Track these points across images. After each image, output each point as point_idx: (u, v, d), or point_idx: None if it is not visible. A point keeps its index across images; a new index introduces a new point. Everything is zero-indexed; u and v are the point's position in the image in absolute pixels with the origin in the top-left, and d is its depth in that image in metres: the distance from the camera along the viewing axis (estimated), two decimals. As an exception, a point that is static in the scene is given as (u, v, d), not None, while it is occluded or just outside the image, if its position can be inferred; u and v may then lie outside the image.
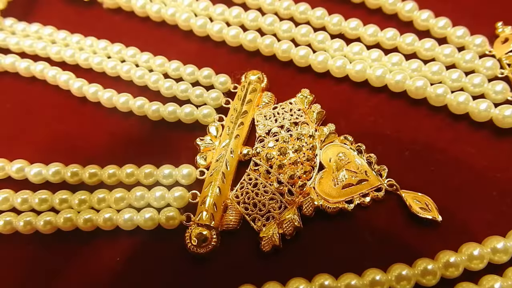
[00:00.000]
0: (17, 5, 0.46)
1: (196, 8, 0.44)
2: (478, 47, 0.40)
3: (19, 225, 0.32)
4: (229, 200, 0.34)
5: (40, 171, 0.35)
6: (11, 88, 0.42)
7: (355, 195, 0.34)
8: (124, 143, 0.38)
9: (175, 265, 0.33)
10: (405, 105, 0.39)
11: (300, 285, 0.29)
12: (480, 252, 0.30)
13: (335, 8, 0.43)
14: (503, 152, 0.36)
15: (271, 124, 0.37)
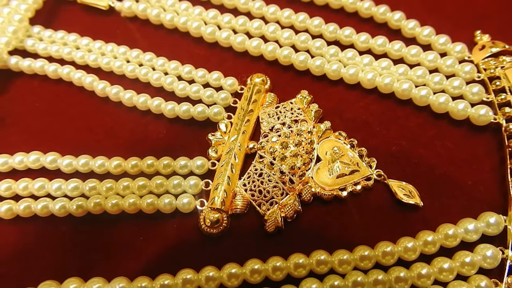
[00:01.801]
0: (44, 13, 0.50)
1: (206, 17, 0.48)
2: (458, 53, 0.44)
3: (55, 209, 0.36)
4: (237, 188, 0.38)
5: (71, 162, 0.39)
6: (40, 89, 0.46)
7: (348, 183, 0.38)
8: (143, 138, 0.42)
9: (190, 243, 0.37)
10: (393, 105, 0.43)
11: (300, 260, 0.34)
12: (454, 232, 0.34)
13: (331, 17, 0.47)
14: (478, 147, 0.40)
15: (274, 121, 0.41)
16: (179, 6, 0.48)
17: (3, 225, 0.38)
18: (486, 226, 0.34)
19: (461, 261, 0.33)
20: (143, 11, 0.49)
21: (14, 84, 0.46)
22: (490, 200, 0.37)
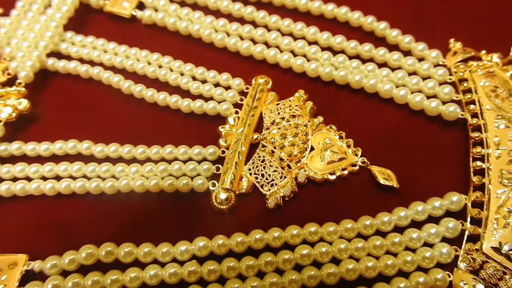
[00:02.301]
0: (75, 20, 0.56)
1: (216, 25, 0.54)
2: (434, 58, 0.50)
3: (91, 187, 0.43)
4: (243, 172, 0.45)
5: (103, 149, 0.46)
6: (73, 86, 0.52)
7: (337, 169, 0.45)
8: (163, 129, 0.49)
9: (204, 217, 0.43)
10: (377, 103, 0.49)
11: (295, 230, 0.41)
12: (423, 208, 0.41)
13: (325, 26, 0.53)
14: (449, 139, 0.46)
15: (275, 116, 0.48)
16: (193, 15, 0.55)
17: (46, 200, 0.44)
18: (449, 203, 0.41)
19: (428, 232, 0.40)
20: (162, 19, 0.55)
21: (51, 83, 0.53)
22: (455, 182, 0.43)
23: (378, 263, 0.39)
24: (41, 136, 0.47)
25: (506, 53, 0.50)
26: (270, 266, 0.39)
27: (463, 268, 0.38)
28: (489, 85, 0.45)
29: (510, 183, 0.40)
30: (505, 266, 0.37)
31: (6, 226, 0.43)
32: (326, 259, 0.39)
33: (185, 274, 0.39)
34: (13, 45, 0.51)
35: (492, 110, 0.44)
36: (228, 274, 0.39)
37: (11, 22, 0.53)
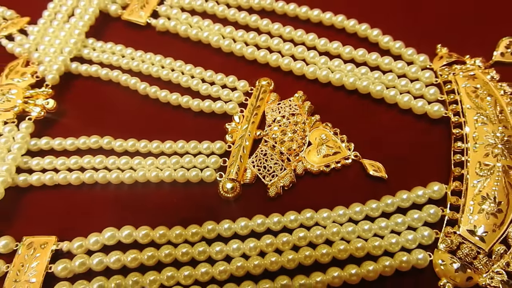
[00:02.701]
0: (96, 28, 0.61)
1: (224, 32, 0.59)
2: (422, 62, 0.54)
3: (112, 177, 0.48)
4: (247, 164, 0.50)
5: (122, 144, 0.51)
6: (94, 88, 0.57)
7: (331, 162, 0.49)
8: (175, 126, 0.53)
9: (212, 204, 0.48)
10: (369, 103, 0.54)
11: (292, 215, 0.45)
12: (407, 196, 0.45)
13: (323, 33, 0.58)
14: (433, 135, 0.51)
15: (276, 114, 0.52)
16: (203, 23, 0.59)
17: (72, 189, 0.49)
18: (431, 192, 0.45)
19: (411, 217, 0.44)
20: (174, 27, 0.60)
21: (74, 84, 0.57)
22: (437, 173, 0.47)
23: (366, 244, 0.43)
24: (67, 132, 0.52)
25: (489, 58, 0.55)
26: (270, 247, 0.44)
27: (442, 248, 0.43)
28: (470, 86, 0.50)
29: (485, 173, 0.44)
30: (479, 247, 0.42)
31: (37, 212, 0.48)
32: (320, 241, 0.44)
33: (195, 253, 0.44)
34: (40, 51, 0.56)
35: (472, 108, 0.48)
36: (233, 253, 0.44)
37: (38, 30, 0.58)
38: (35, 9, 0.61)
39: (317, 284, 0.41)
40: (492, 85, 0.50)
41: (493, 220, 0.42)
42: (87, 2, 0.60)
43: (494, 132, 0.46)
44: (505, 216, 0.42)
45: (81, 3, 0.60)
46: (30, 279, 0.42)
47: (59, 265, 0.43)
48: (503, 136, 0.46)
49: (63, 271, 0.43)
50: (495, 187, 0.43)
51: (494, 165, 0.44)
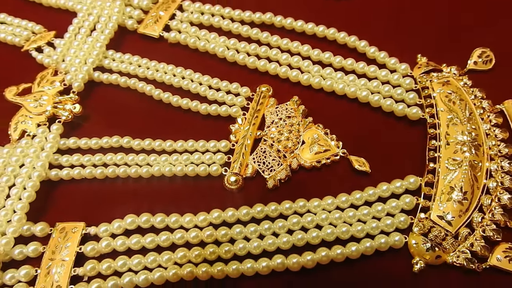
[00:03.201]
0: (115, 40, 0.67)
1: (228, 44, 0.64)
2: (403, 70, 0.60)
3: (131, 172, 0.55)
4: (249, 160, 0.57)
5: (139, 143, 0.57)
6: (114, 94, 0.63)
7: (322, 158, 0.56)
8: (185, 128, 0.59)
9: (218, 195, 0.54)
10: (356, 106, 0.59)
11: (288, 204, 0.52)
12: (387, 187, 0.52)
13: (316, 44, 0.63)
14: (412, 135, 0.56)
15: (274, 117, 0.59)
16: (210, 36, 0.65)
17: (96, 182, 0.55)
18: (408, 183, 0.52)
19: (390, 205, 0.50)
20: (184, 39, 0.66)
21: (96, 91, 0.63)
22: (414, 168, 0.53)
23: (351, 228, 0.50)
24: (91, 133, 0.58)
25: (464, 66, 0.61)
26: (268, 231, 0.50)
27: (416, 232, 0.49)
28: (444, 92, 0.57)
29: (453, 167, 0.51)
30: (447, 230, 0.48)
31: (67, 202, 0.54)
32: (311, 225, 0.50)
33: (204, 236, 0.51)
34: (67, 62, 0.63)
35: (445, 111, 0.55)
36: (236, 236, 0.50)
37: (64, 43, 0.65)
38: (60, 24, 0.68)
39: (307, 262, 0.48)
40: (463, 91, 0.57)
41: (459, 207, 0.49)
42: (107, 17, 0.67)
43: (463, 131, 0.53)
44: (470, 204, 0.49)
45: (101, 18, 0.67)
46: (63, 258, 0.49)
47: (88, 246, 0.50)
48: (471, 135, 0.53)
49: (91, 251, 0.50)
50: (462, 179, 0.50)
51: (462, 160, 0.51)
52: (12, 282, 0.49)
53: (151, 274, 0.48)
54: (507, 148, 0.53)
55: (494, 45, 0.62)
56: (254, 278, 0.49)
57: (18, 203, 0.52)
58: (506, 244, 0.48)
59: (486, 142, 0.53)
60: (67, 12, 0.71)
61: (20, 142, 0.57)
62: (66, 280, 0.48)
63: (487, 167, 0.51)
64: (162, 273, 0.48)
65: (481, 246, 0.48)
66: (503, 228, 0.49)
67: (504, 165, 0.52)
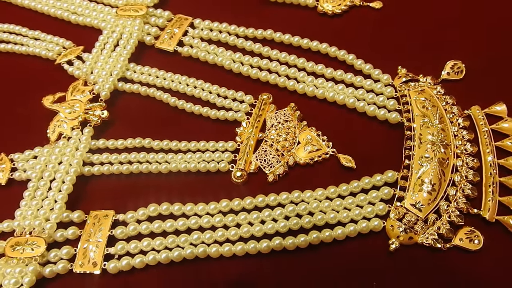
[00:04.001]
0: (135, 54, 0.74)
1: (234, 57, 0.72)
2: (386, 80, 0.67)
3: (152, 168, 0.65)
4: (252, 158, 0.66)
5: (159, 144, 0.66)
6: (135, 101, 0.70)
7: (315, 156, 0.65)
8: (197, 130, 0.66)
9: (226, 187, 0.61)
10: (345, 112, 0.66)
11: (285, 195, 0.61)
12: (369, 180, 0.61)
13: (311, 57, 0.70)
14: (393, 136, 0.63)
15: (274, 121, 0.68)
16: (218, 50, 0.73)
17: (122, 177, 0.64)
18: (387, 177, 0.60)
19: (371, 195, 0.59)
20: (195, 53, 0.73)
21: (120, 99, 0.71)
22: (392, 164, 0.60)
23: (338, 215, 0.58)
24: (117, 135, 0.66)
25: (438, 76, 0.70)
26: (269, 217, 0.59)
27: (392, 217, 0.58)
28: (419, 99, 0.66)
29: (425, 164, 0.60)
30: (417, 216, 0.57)
31: (99, 194, 0.63)
32: (304, 212, 0.58)
33: (214, 222, 0.60)
34: (95, 73, 0.71)
35: (420, 116, 0.64)
36: (242, 222, 0.59)
37: (92, 57, 0.74)
38: (87, 40, 0.76)
39: (301, 242, 0.57)
40: (436, 98, 0.66)
41: (429, 197, 0.58)
42: (128, 34, 0.77)
43: (434, 133, 0.62)
44: (437, 194, 0.58)
45: (123, 35, 0.76)
46: (98, 240, 0.59)
47: (117, 230, 0.59)
48: (440, 136, 0.62)
49: (121, 234, 0.59)
50: (431, 173, 0.59)
51: (432, 157, 0.60)
52: (56, 259, 0.58)
53: (171, 253, 0.57)
54: (471, 147, 0.62)
55: (465, 58, 0.70)
56: (256, 256, 0.57)
57: (59, 194, 0.62)
58: (468, 228, 0.56)
59: (453, 142, 0.62)
60: (93, 29, 0.79)
61: (57, 143, 0.66)
62: (101, 258, 0.58)
63: (453, 162, 0.60)
64: (180, 252, 0.57)
65: (447, 229, 0.56)
66: (465, 214, 0.57)
67: (469, 161, 0.61)
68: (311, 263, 0.57)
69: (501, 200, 0.58)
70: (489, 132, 0.63)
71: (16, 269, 0.55)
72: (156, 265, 0.58)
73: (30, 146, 0.66)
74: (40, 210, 0.60)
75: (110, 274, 0.57)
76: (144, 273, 0.57)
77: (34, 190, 0.62)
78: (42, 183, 0.62)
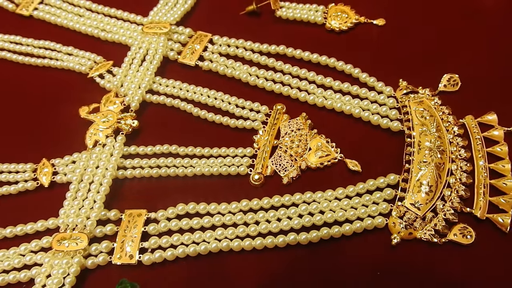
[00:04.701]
0: (161, 69, 0.79)
1: (250, 71, 0.77)
2: (388, 92, 0.72)
3: (179, 172, 0.73)
4: (268, 162, 0.74)
5: (184, 150, 0.75)
6: (161, 111, 0.75)
7: (324, 161, 0.73)
8: (219, 138, 0.70)
9: (245, 189, 0.67)
10: (351, 121, 0.71)
11: (298, 195, 0.68)
12: (373, 183, 0.68)
13: (320, 71, 0.75)
14: (395, 143, 0.69)
15: (287, 129, 0.75)
16: (235, 64, 0.79)
17: (152, 180, 0.71)
18: (389, 180, 0.67)
19: (375, 196, 0.66)
20: (215, 67, 0.78)
21: (148, 110, 0.76)
22: (394, 168, 0.67)
23: (345, 213, 0.66)
24: (146, 142, 0.71)
25: (436, 88, 0.78)
26: (284, 215, 0.65)
27: (394, 215, 0.65)
28: (418, 109, 0.73)
29: (422, 168, 0.67)
30: (416, 214, 0.64)
31: (132, 195, 0.69)
32: (316, 211, 0.65)
33: (236, 219, 0.67)
34: (125, 86, 0.77)
35: (418, 124, 0.71)
36: (260, 219, 0.66)
37: (122, 71, 0.81)
38: (117, 55, 0.83)
39: (313, 238, 0.64)
40: (434, 108, 0.73)
41: (426, 197, 0.65)
42: (154, 50, 0.84)
43: (431, 140, 0.70)
44: (434, 194, 0.65)
45: (149, 51, 0.84)
46: (133, 235, 0.67)
47: (150, 226, 0.66)
48: (437, 143, 0.69)
49: (153, 230, 0.66)
50: (429, 176, 0.66)
51: (429, 162, 0.68)
52: (96, 252, 0.66)
53: (198, 247, 0.65)
54: (465, 153, 0.69)
55: (460, 71, 0.77)
56: (274, 250, 0.64)
57: (97, 195, 0.69)
58: (461, 225, 0.63)
59: (449, 148, 0.69)
60: (121, 45, 0.85)
61: (94, 149, 0.74)
62: (136, 251, 0.65)
63: (449, 166, 0.68)
64: (206, 246, 0.64)
65: (442, 225, 0.64)
66: (459, 212, 0.64)
67: (462, 165, 0.68)
68: (322, 255, 0.64)
69: (491, 200, 0.65)
70: (481, 139, 0.70)
71: (63, 261, 0.63)
72: (185, 258, 0.65)
73: (69, 152, 0.73)
74: (81, 209, 0.68)
75: (145, 266, 0.64)
76: (174, 264, 0.64)
77: (75, 191, 0.70)
78: (82, 185, 0.70)
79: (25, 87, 0.82)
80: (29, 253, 0.65)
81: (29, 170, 0.71)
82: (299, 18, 0.85)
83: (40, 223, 0.66)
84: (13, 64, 0.86)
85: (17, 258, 0.65)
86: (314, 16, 0.85)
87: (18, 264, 0.64)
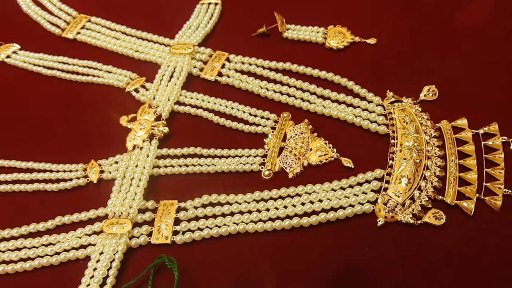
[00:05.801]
0: (186, 83, 0.89)
1: (261, 84, 0.87)
2: (377, 101, 0.82)
3: (203, 169, 0.89)
4: (277, 161, 0.89)
5: (207, 151, 0.90)
6: (187, 120, 0.85)
7: (323, 159, 0.88)
8: (235, 141, 0.79)
9: (257, 183, 0.76)
10: (346, 126, 0.79)
11: (301, 187, 0.83)
12: (363, 177, 0.82)
13: (320, 83, 0.84)
14: (381, 144, 0.79)
15: (292, 133, 0.89)
16: (248, 79, 0.90)
17: (181, 177, 0.89)
18: (376, 174, 0.81)
19: (364, 187, 0.81)
20: (231, 82, 0.88)
21: (175, 119, 0.86)
22: (380, 164, 0.79)
23: (340, 201, 0.80)
24: (175, 145, 0.82)
25: (417, 98, 0.92)
26: (290, 203, 0.79)
27: (379, 202, 0.79)
28: (401, 116, 0.87)
29: (403, 163, 0.81)
30: (397, 201, 0.79)
31: (165, 188, 0.79)
32: (316, 200, 0.78)
33: (250, 207, 0.82)
34: (157, 99, 0.91)
35: (401, 128, 0.85)
36: (270, 207, 0.81)
37: (154, 86, 0.95)
38: (148, 72, 0.94)
39: (314, 221, 0.79)
40: (414, 115, 0.88)
41: (406, 187, 0.79)
42: (180, 68, 0.99)
43: (410, 141, 0.84)
44: (412, 185, 0.79)
45: (176, 69, 1.00)
46: (167, 221, 0.82)
47: (181, 213, 0.82)
48: (415, 143, 0.84)
49: (183, 217, 0.81)
50: (408, 170, 0.80)
51: (409, 159, 0.82)
52: (138, 234, 0.80)
53: (220, 229, 0.79)
54: (439, 151, 0.83)
55: (438, 83, 0.88)
56: (281, 231, 0.77)
57: (137, 189, 0.84)
58: (434, 210, 0.76)
59: (426, 147, 0.83)
60: (152, 64, 0.96)
61: (133, 151, 0.88)
62: (170, 233, 0.79)
63: (425, 163, 0.82)
64: (226, 229, 0.79)
65: (418, 210, 0.77)
66: (433, 200, 0.78)
67: (437, 161, 0.82)
68: (321, 235, 0.75)
69: (459, 189, 0.78)
70: (453, 140, 0.84)
71: (113, 241, 0.79)
72: (210, 238, 0.75)
73: (113, 154, 0.85)
74: (125, 200, 0.83)
75: (177, 245, 0.75)
76: (201, 244, 0.76)
77: (119, 186, 0.85)
78: (125, 181, 0.85)
79: (72, 100, 0.94)
80: (84, 236, 0.80)
81: (81, 169, 0.85)
82: (303, 38, 0.96)
83: (92, 212, 0.79)
84: (61, 81, 0.98)
85: (75, 239, 0.80)
86: (315, 36, 0.96)
87: (76, 244, 0.79)
